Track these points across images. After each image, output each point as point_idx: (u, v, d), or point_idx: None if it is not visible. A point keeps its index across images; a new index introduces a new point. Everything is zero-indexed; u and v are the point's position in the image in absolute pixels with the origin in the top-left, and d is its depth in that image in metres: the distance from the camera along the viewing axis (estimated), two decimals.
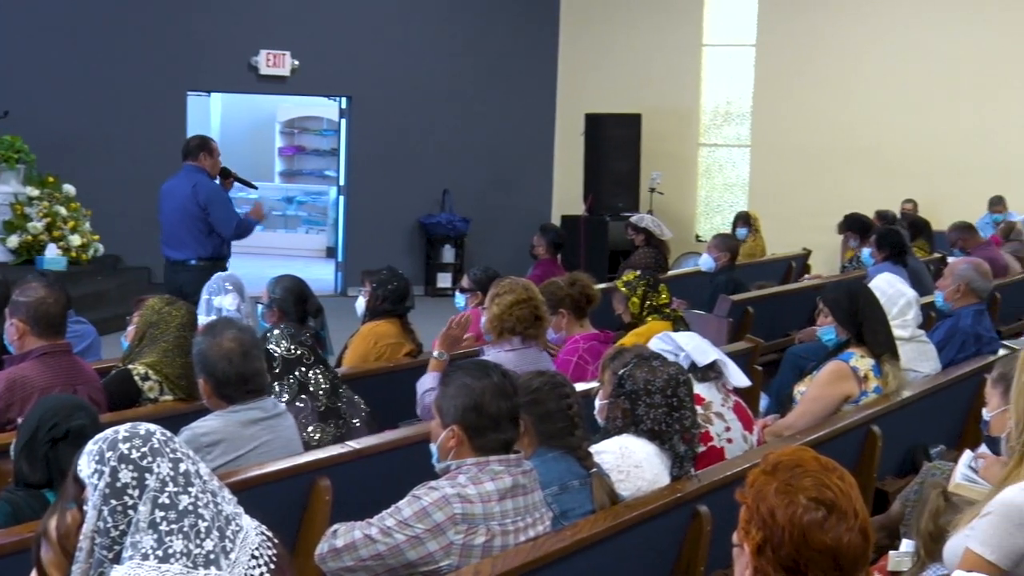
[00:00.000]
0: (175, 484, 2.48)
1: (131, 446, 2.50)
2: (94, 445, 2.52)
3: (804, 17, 16.45)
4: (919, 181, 15.67)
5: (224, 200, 8.86)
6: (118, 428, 2.54)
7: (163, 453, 2.51)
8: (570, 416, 4.01)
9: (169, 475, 2.48)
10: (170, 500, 2.46)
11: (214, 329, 4.50)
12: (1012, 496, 3.58)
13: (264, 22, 15.16)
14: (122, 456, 2.48)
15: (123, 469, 2.47)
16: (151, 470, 2.48)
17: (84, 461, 2.52)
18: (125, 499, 2.45)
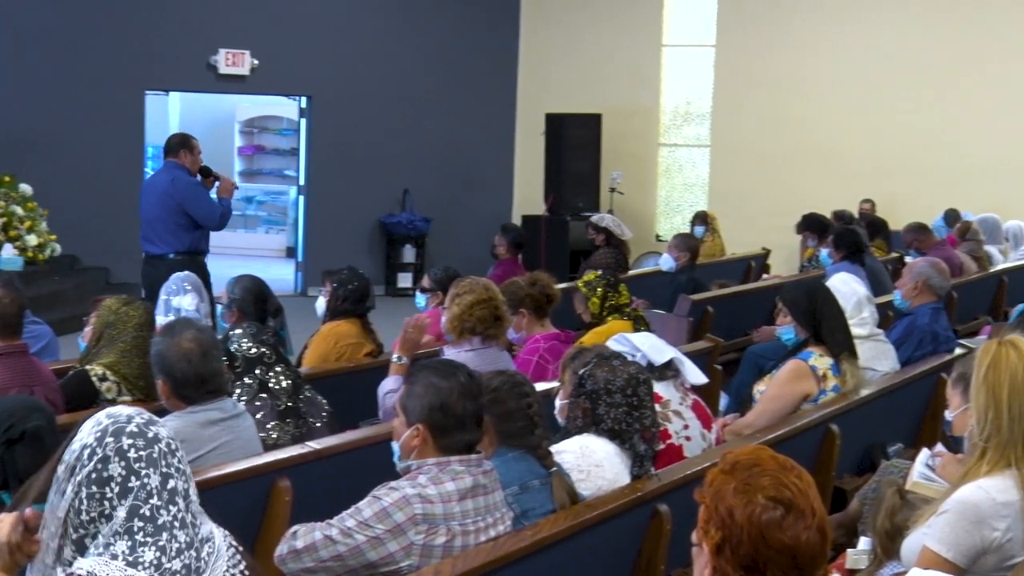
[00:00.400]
0: (159, 499, 2.48)
1: (133, 445, 2.50)
2: (105, 421, 2.53)
3: (763, 18, 16.53)
4: (877, 181, 15.78)
5: (201, 194, 8.90)
6: (133, 416, 2.55)
7: (158, 465, 2.51)
8: (530, 415, 4.01)
9: (156, 488, 2.48)
10: (151, 513, 2.46)
11: (173, 329, 4.47)
12: (968, 494, 3.61)
13: (223, 21, 15.08)
14: (120, 450, 2.49)
15: (115, 462, 2.48)
16: (139, 476, 2.48)
17: (87, 429, 2.52)
18: (105, 491, 2.46)
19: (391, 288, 16.14)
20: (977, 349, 3.82)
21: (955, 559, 3.56)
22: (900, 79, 15.82)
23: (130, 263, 14.29)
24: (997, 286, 10.89)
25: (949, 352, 6.89)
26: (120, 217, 14.38)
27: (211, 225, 8.92)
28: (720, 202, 16.42)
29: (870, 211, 14.75)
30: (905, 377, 6.40)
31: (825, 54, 16.21)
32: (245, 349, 5.12)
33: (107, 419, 2.54)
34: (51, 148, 13.95)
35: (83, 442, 2.51)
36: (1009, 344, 3.67)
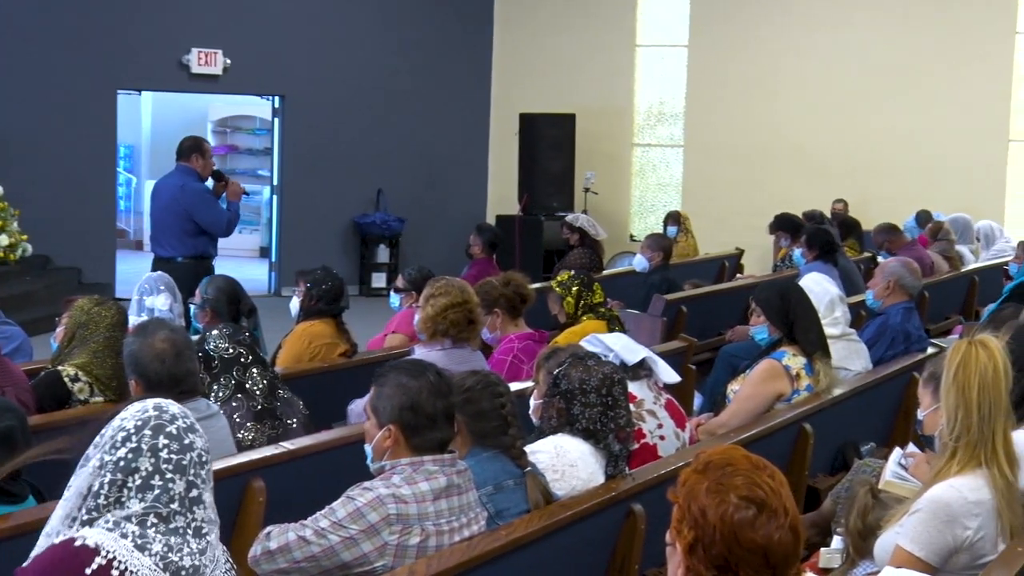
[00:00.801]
0: (180, 504, 2.54)
1: (167, 446, 2.55)
2: (151, 411, 2.58)
3: (736, 18, 16.58)
4: (849, 181, 15.86)
5: (208, 201, 8.95)
6: (177, 418, 2.60)
7: (186, 472, 2.56)
8: (504, 415, 4.01)
9: (179, 493, 2.54)
10: (168, 516, 2.53)
11: (146, 330, 4.45)
12: (940, 493, 3.63)
13: (195, 20, 15.02)
14: (154, 447, 2.54)
15: (145, 456, 2.53)
16: (163, 476, 2.53)
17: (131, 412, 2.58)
18: (127, 480, 2.51)
19: (365, 288, 16.11)
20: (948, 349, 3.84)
21: (927, 558, 3.58)
22: (872, 79, 15.90)
23: (102, 263, 14.27)
24: (968, 286, 10.95)
25: (921, 351, 6.92)
26: (92, 217, 14.34)
27: (218, 232, 9.00)
28: (694, 202, 16.46)
29: (842, 211, 14.82)
30: (877, 377, 6.42)
31: (798, 54, 16.28)
32: (222, 349, 5.10)
33: (153, 410, 2.59)
34: (23, 148, 13.87)
35: (121, 424, 2.57)
36: (979, 344, 3.69)
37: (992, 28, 15.47)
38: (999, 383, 3.65)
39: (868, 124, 15.94)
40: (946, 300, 10.34)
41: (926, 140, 15.69)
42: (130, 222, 21.03)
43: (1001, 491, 3.62)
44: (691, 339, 7.43)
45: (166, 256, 8.91)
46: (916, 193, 14.88)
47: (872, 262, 10.74)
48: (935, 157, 15.60)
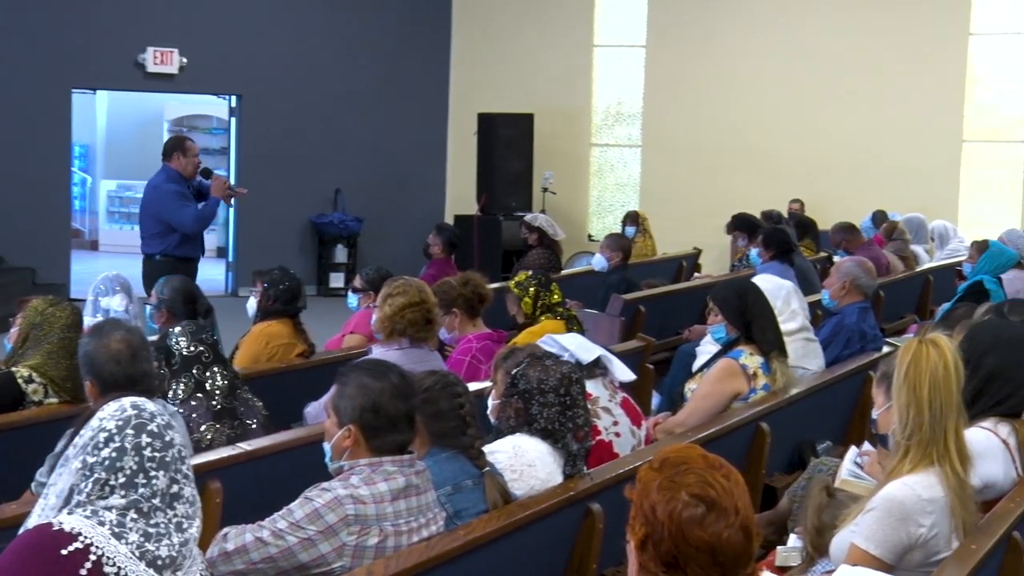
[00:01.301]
0: (161, 500, 2.57)
1: (151, 444, 2.59)
2: (130, 410, 2.61)
3: (693, 20, 16.64)
4: (805, 181, 15.95)
5: (173, 200, 9.02)
6: (156, 416, 2.64)
7: (168, 468, 2.60)
8: (462, 416, 4.01)
9: (160, 489, 2.57)
10: (149, 511, 2.56)
11: (101, 330, 4.41)
12: (894, 491, 3.65)
13: (151, 18, 14.91)
14: (137, 446, 2.57)
15: (129, 455, 2.56)
16: (148, 475, 2.56)
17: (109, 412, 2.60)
18: (110, 479, 2.54)
19: (323, 288, 16.06)
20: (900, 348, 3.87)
21: (882, 556, 3.61)
22: (828, 80, 16.01)
23: (57, 263, 14.14)
24: (923, 285, 11.05)
25: (877, 351, 6.97)
26: (47, 217, 14.21)
27: (184, 230, 9.01)
28: (651, 202, 16.51)
29: (799, 211, 14.91)
30: (834, 376, 6.46)
31: (754, 55, 16.36)
32: (183, 347, 5.07)
33: (132, 409, 2.62)
34: None
35: (101, 425, 2.58)
36: (930, 342, 3.72)
37: (946, 30, 15.62)
38: (950, 381, 3.68)
39: (824, 125, 16.05)
40: (901, 299, 10.43)
41: (881, 141, 15.81)
42: (85, 222, 20.87)
43: (954, 489, 3.65)
44: (649, 339, 7.45)
45: (147, 253, 9.11)
46: (871, 193, 15.00)
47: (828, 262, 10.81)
48: (890, 157, 15.73)
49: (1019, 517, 3.92)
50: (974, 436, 4.06)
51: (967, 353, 3.98)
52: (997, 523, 3.84)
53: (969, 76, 15.71)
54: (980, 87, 15.88)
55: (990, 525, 3.81)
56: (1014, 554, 3.90)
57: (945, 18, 15.62)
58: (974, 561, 3.52)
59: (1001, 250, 8.98)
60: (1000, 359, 4.30)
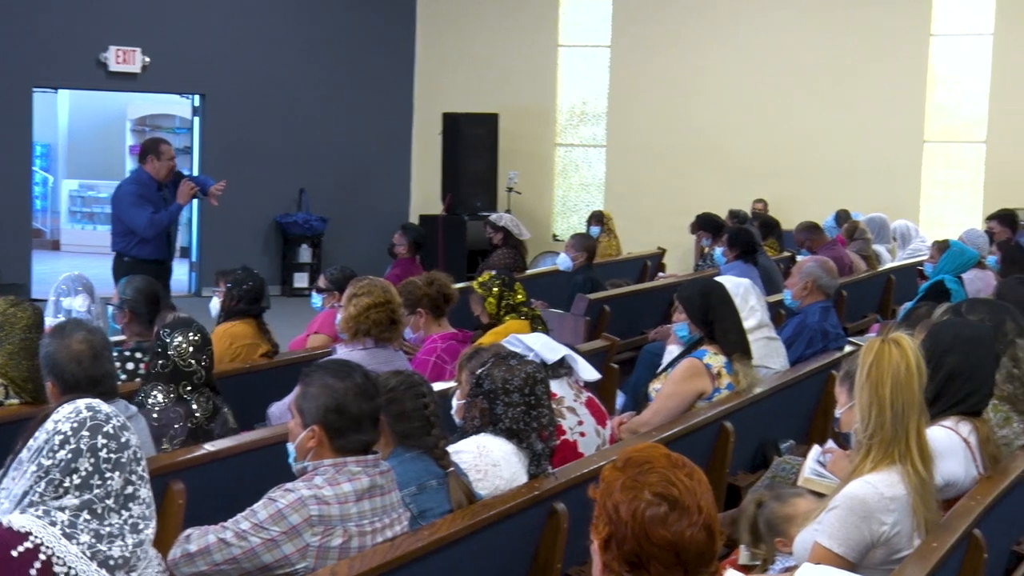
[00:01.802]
0: (115, 501, 2.57)
1: (106, 445, 2.58)
2: (84, 412, 2.59)
3: (657, 19, 16.68)
4: (769, 181, 16.02)
5: (130, 202, 9.12)
6: (111, 417, 2.63)
7: (124, 469, 2.59)
8: (427, 416, 4.00)
9: (115, 490, 2.57)
10: (102, 512, 2.56)
11: (63, 331, 4.38)
12: (856, 490, 3.68)
13: (113, 17, 14.80)
14: (93, 447, 2.56)
15: (85, 457, 2.55)
16: (103, 477, 2.55)
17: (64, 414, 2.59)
18: (66, 480, 2.54)
19: (287, 288, 16.01)
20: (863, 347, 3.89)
21: (845, 554, 3.63)
22: (792, 81, 16.09)
23: (18, 264, 14.03)
24: (885, 284, 11.12)
25: (839, 350, 7.01)
26: (7, 217, 14.10)
27: (138, 232, 9.07)
28: (616, 202, 16.54)
29: (762, 211, 14.97)
30: (796, 375, 6.50)
31: (718, 56, 16.42)
32: (179, 359, 4.90)
33: (87, 411, 2.61)
34: None
35: (56, 428, 2.57)
36: (892, 342, 3.74)
37: (908, 30, 15.72)
38: (912, 381, 3.70)
39: (787, 125, 16.12)
40: (863, 299, 10.49)
41: (844, 141, 15.90)
42: (46, 222, 20.72)
43: (915, 487, 3.68)
44: (614, 338, 7.47)
45: (116, 251, 9.28)
46: (834, 193, 15.08)
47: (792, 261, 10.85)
48: (852, 157, 15.82)
49: (980, 515, 3.96)
50: (935, 435, 4.09)
51: (928, 352, 4.00)
52: (958, 521, 3.87)
53: (930, 77, 15.82)
54: (941, 88, 15.99)
55: (951, 523, 3.84)
56: (975, 552, 3.93)
57: (906, 19, 15.72)
58: (935, 559, 3.54)
59: (962, 250, 9.05)
60: (961, 358, 4.33)
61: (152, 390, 4.87)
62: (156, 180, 9.16)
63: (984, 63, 15.60)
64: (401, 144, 17.61)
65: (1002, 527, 4.33)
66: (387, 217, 16.39)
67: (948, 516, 3.90)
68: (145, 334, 6.02)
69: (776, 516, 4.10)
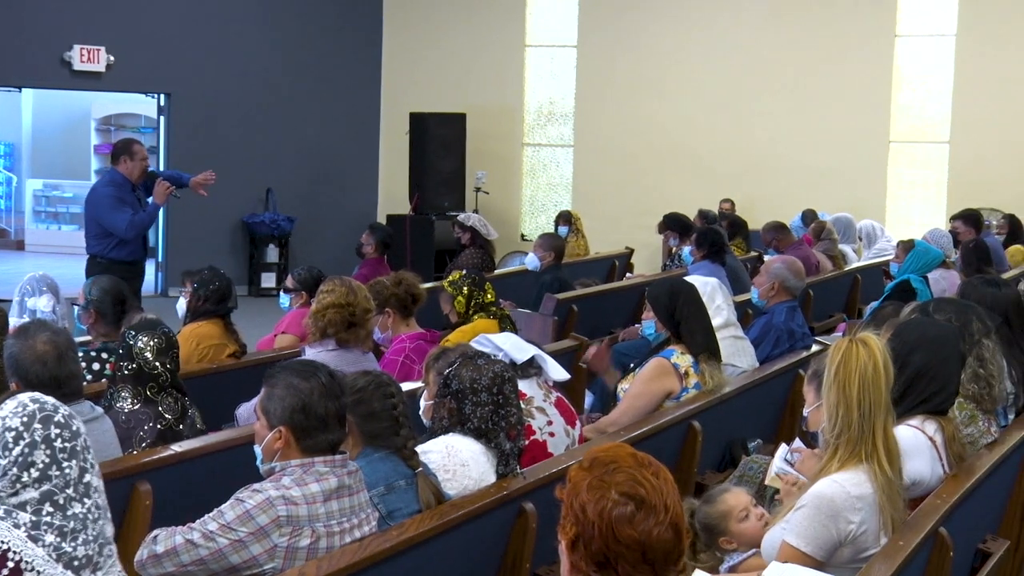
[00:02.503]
0: (75, 490, 2.55)
1: (60, 435, 2.56)
2: (31, 405, 2.57)
3: (623, 19, 16.71)
4: (735, 181, 16.08)
5: (107, 204, 9.09)
6: (59, 406, 2.61)
7: (79, 456, 2.58)
8: (395, 416, 3.99)
9: (73, 479, 2.55)
10: (64, 502, 2.53)
11: (27, 331, 4.35)
12: (824, 489, 3.69)
13: (77, 15, 14.70)
14: (47, 438, 2.54)
15: (40, 449, 2.53)
16: (60, 466, 2.53)
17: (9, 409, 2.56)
18: (23, 475, 2.51)
19: (254, 288, 15.95)
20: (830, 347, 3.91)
21: (813, 552, 3.64)
22: (758, 81, 16.15)
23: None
24: (852, 284, 11.18)
25: (806, 349, 7.04)
26: None
27: (118, 234, 9.04)
28: (584, 202, 16.57)
29: (730, 210, 15.03)
30: (764, 374, 6.52)
31: (685, 56, 16.47)
32: (144, 360, 4.85)
33: (32, 404, 2.60)
34: None
35: (7, 424, 2.54)
36: (859, 342, 3.76)
37: (873, 31, 15.81)
38: (879, 381, 3.72)
39: (753, 125, 16.19)
40: (830, 298, 10.54)
41: (809, 141, 15.98)
42: (11, 222, 20.57)
43: (882, 486, 3.70)
44: (582, 338, 7.47)
45: (91, 254, 9.23)
46: (800, 193, 15.15)
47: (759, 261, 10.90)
48: (818, 158, 15.90)
49: (945, 513, 3.98)
50: (901, 434, 4.11)
51: (894, 351, 4.02)
52: (924, 519, 3.89)
53: (895, 77, 15.92)
54: (906, 88, 16.09)
55: (917, 521, 3.86)
56: (940, 550, 3.95)
57: (871, 20, 15.81)
58: (902, 557, 3.56)
59: (926, 249, 9.11)
60: (926, 357, 4.35)
61: (119, 392, 4.83)
62: (130, 181, 9.14)
63: (947, 64, 15.71)
64: (368, 143, 17.58)
65: (968, 525, 4.36)
66: (355, 217, 16.36)
67: (914, 515, 3.92)
68: (111, 334, 5.99)
69: (711, 516, 4.13)
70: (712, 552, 4.13)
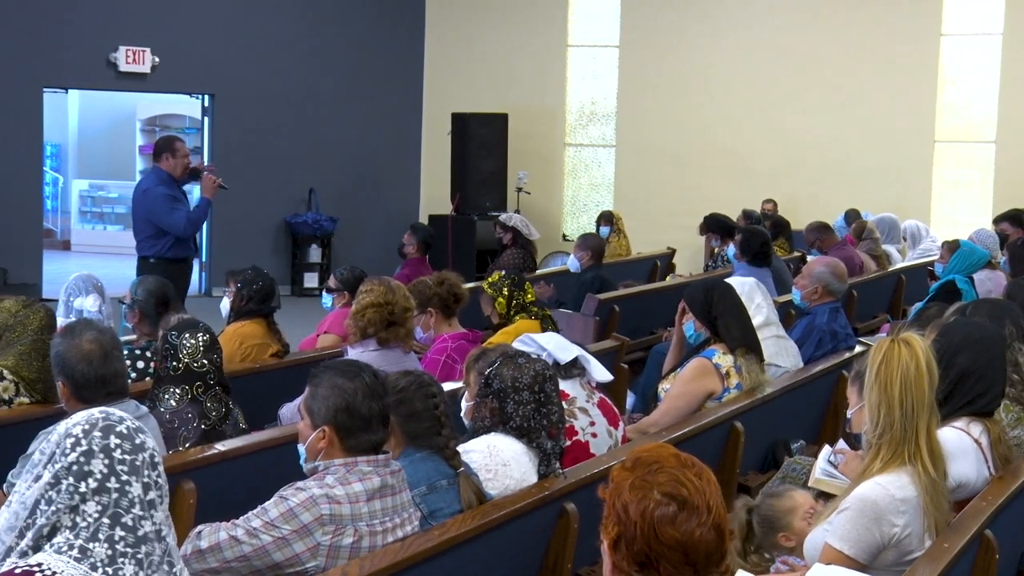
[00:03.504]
0: (141, 508, 2.44)
1: (120, 446, 2.45)
2: (97, 415, 2.48)
3: (666, 18, 16.67)
4: (778, 181, 16.00)
5: (163, 204, 9.05)
6: (124, 419, 2.51)
7: (140, 473, 2.46)
8: (436, 416, 4.00)
9: (138, 497, 2.44)
10: (133, 523, 2.42)
11: (73, 331, 4.39)
12: (867, 491, 3.67)
13: (123, 17, 14.82)
14: (106, 447, 2.44)
15: (98, 458, 2.42)
16: (119, 478, 2.42)
17: (75, 420, 2.47)
18: (80, 484, 2.40)
19: (297, 288, 16.02)
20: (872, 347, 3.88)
21: (856, 555, 3.62)
22: (801, 80, 16.07)
23: (29, 264, 14.06)
24: (896, 285, 11.10)
25: (849, 350, 7.00)
26: (18, 216, 14.12)
27: (176, 233, 9.05)
28: (626, 202, 16.53)
29: (772, 211, 14.95)
30: (807, 375, 6.48)
31: (727, 55, 16.41)
32: (189, 358, 4.86)
33: (99, 414, 2.50)
34: None
35: (68, 431, 2.46)
36: (902, 342, 3.73)
37: (918, 30, 15.70)
38: (921, 380, 3.69)
39: (797, 124, 16.10)
40: (874, 299, 10.47)
41: (854, 140, 15.88)
42: (57, 222, 20.77)
43: (926, 488, 3.67)
44: (623, 338, 7.46)
45: (141, 255, 9.19)
46: (844, 193, 15.06)
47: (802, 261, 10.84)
48: (862, 157, 15.79)
49: (991, 516, 3.95)
50: (946, 436, 4.08)
51: (939, 353, 3.99)
52: (969, 521, 3.86)
53: (940, 76, 15.79)
54: (951, 87, 15.96)
55: (962, 523, 3.83)
56: (986, 553, 3.92)
57: (917, 19, 15.70)
58: (947, 560, 3.54)
59: (972, 249, 9.02)
60: (972, 358, 4.32)
61: (164, 393, 4.85)
62: (174, 178, 9.17)
63: (994, 63, 15.57)
64: (410, 144, 17.61)
65: (1014, 528, 4.32)
66: (396, 217, 16.40)
67: (959, 517, 3.89)
68: (155, 334, 6.03)
69: (776, 510, 4.09)
70: (761, 555, 4.10)
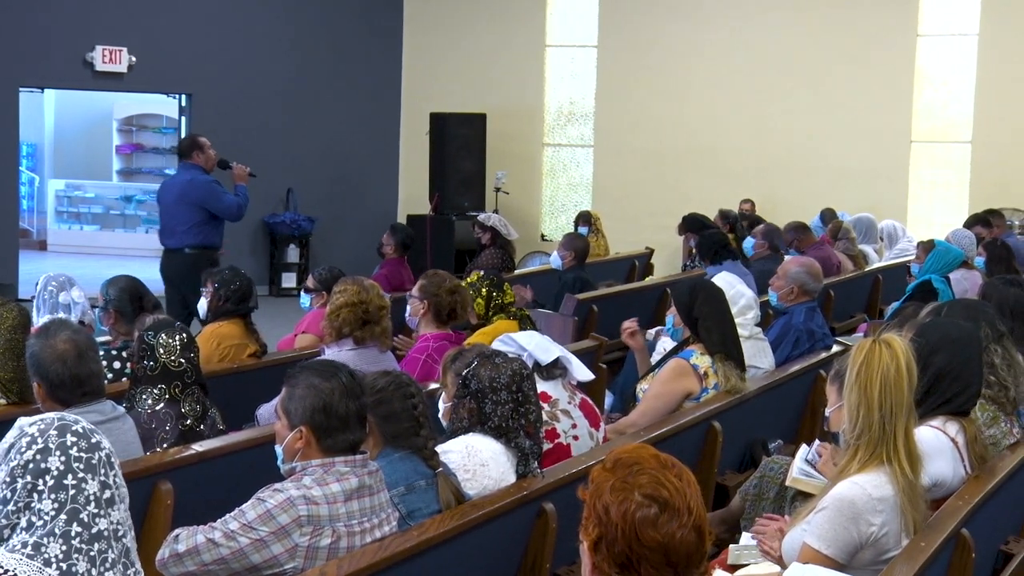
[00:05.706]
0: (97, 506, 2.47)
1: (76, 444, 2.48)
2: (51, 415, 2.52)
3: (644, 19, 16.69)
4: (756, 181, 16.04)
5: (217, 191, 9.55)
6: (79, 419, 2.55)
7: (96, 472, 2.49)
8: (415, 416, 4.00)
9: (94, 495, 2.47)
10: (88, 520, 2.45)
11: (48, 331, 4.37)
12: (845, 491, 3.68)
13: (100, 17, 14.74)
14: (63, 445, 2.47)
15: (55, 455, 2.46)
16: (75, 475, 2.46)
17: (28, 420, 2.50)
18: (38, 482, 2.44)
19: (275, 288, 15.98)
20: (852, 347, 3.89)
21: (834, 555, 3.63)
22: (779, 80, 16.10)
23: (5, 264, 13.99)
24: (873, 284, 11.14)
25: (826, 349, 7.02)
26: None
27: (230, 217, 9.64)
28: (604, 202, 16.55)
29: (750, 211, 14.98)
30: (784, 375, 6.50)
31: (705, 55, 16.43)
32: (166, 357, 4.81)
33: (54, 415, 2.54)
34: None
35: (22, 431, 2.49)
36: (883, 343, 3.74)
37: (894, 31, 15.75)
38: (901, 382, 3.71)
39: (775, 125, 16.14)
40: (851, 299, 10.50)
41: (831, 141, 15.92)
42: (33, 222, 20.65)
43: (903, 488, 3.68)
44: (602, 338, 7.46)
45: (175, 247, 9.51)
46: (821, 193, 15.10)
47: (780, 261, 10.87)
48: (840, 157, 15.84)
49: (967, 514, 3.96)
50: (923, 435, 4.09)
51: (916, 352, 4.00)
52: (946, 520, 3.87)
53: (917, 77, 15.85)
54: (928, 88, 16.03)
55: (939, 523, 3.85)
56: (963, 551, 3.93)
57: (893, 19, 15.75)
58: (923, 558, 3.55)
59: (947, 249, 9.06)
60: (949, 358, 4.34)
61: (142, 393, 4.81)
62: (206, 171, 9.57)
63: (970, 64, 15.63)
64: (389, 144, 17.59)
65: (990, 526, 4.34)
66: (375, 217, 16.38)
67: (936, 516, 3.91)
68: (132, 333, 6.00)
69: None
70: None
